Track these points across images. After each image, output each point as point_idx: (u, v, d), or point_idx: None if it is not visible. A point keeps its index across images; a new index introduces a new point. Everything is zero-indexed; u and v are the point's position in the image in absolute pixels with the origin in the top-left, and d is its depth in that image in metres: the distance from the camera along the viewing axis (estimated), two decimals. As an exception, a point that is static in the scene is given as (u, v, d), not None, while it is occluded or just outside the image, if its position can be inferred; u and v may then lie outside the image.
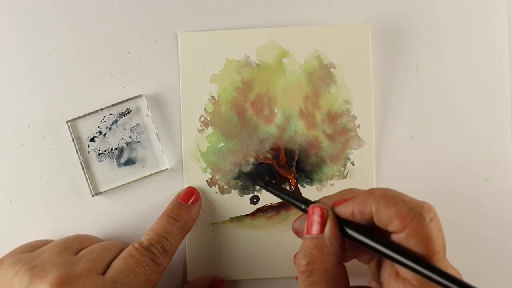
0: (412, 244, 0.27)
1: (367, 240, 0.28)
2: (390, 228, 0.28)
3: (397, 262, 0.27)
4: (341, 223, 0.30)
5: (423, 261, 0.26)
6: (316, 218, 0.30)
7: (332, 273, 0.28)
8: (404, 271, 0.28)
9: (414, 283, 0.27)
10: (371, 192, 0.29)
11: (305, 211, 0.32)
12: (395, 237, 0.28)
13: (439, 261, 0.27)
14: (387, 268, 0.29)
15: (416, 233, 0.27)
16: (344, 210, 0.30)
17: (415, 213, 0.27)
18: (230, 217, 0.40)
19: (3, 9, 0.39)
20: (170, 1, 0.40)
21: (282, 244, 0.40)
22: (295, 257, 0.33)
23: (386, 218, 0.28)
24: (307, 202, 0.32)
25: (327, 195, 0.33)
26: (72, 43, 0.40)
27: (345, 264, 0.33)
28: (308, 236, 0.30)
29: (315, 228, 0.30)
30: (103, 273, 0.32)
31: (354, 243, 0.29)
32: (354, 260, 0.34)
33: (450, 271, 0.28)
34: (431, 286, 0.27)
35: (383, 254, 0.28)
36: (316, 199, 0.33)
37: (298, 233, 0.34)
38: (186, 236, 0.38)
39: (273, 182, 0.39)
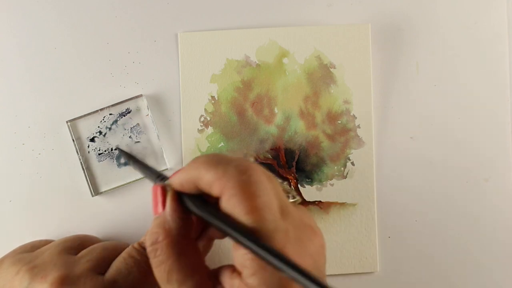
0: (233, 205, 0.24)
1: (200, 212, 0.26)
2: (214, 193, 0.26)
3: (225, 233, 0.25)
4: (184, 198, 0.27)
5: (246, 232, 0.24)
6: (159, 197, 0.28)
7: (177, 249, 0.26)
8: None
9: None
10: (196, 159, 0.27)
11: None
12: (221, 205, 0.25)
13: (265, 218, 0.24)
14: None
15: (235, 192, 0.24)
16: (175, 181, 0.27)
17: (232, 172, 0.25)
18: (230, 217, 0.40)
19: (3, 9, 0.39)
20: (170, 1, 0.40)
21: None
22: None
23: (206, 183, 0.25)
24: (160, 177, 0.30)
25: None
26: (72, 43, 0.40)
27: None
28: (155, 216, 0.28)
29: (159, 207, 0.28)
30: (103, 273, 0.32)
31: (195, 215, 0.27)
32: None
33: (295, 229, 0.26)
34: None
35: (216, 226, 0.26)
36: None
37: None
38: (186, 236, 0.38)
39: (135, 156, 0.38)
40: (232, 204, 0.25)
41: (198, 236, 0.30)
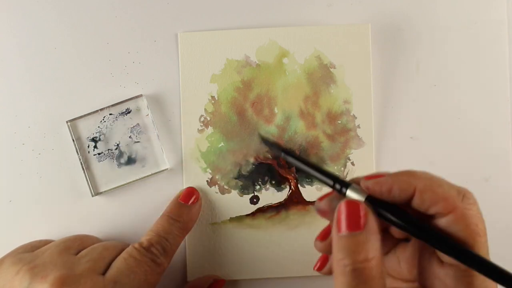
0: (459, 227, 0.26)
1: (409, 225, 0.26)
2: (432, 210, 0.26)
3: (441, 249, 0.26)
4: (376, 204, 0.27)
5: (468, 250, 0.25)
6: (354, 214, 0.27)
7: (378, 271, 0.26)
8: (448, 258, 0.26)
9: (463, 267, 0.26)
10: (413, 173, 0.27)
11: (335, 189, 0.29)
12: (437, 222, 0.27)
13: (484, 244, 0.26)
14: (426, 256, 0.28)
15: (464, 215, 0.26)
16: (380, 186, 0.27)
17: (463, 195, 0.27)
18: (230, 217, 0.40)
19: (3, 9, 0.39)
20: (170, 1, 0.40)
21: (282, 244, 0.40)
22: (318, 238, 0.30)
23: (430, 199, 0.26)
24: (338, 180, 0.29)
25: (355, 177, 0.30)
26: (72, 43, 0.40)
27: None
28: (345, 233, 0.27)
29: (355, 225, 0.27)
30: (103, 273, 0.32)
31: (389, 224, 0.27)
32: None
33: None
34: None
35: (428, 239, 0.26)
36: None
37: (324, 213, 0.30)
38: (186, 236, 0.38)
39: (293, 152, 0.36)
40: (456, 225, 0.26)
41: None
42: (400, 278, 0.31)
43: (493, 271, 0.25)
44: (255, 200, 0.40)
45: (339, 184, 0.29)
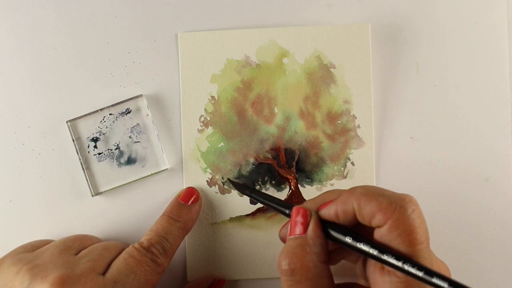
0: (395, 236, 0.27)
1: (348, 240, 0.29)
2: (374, 223, 0.28)
3: (379, 261, 0.28)
4: (325, 225, 0.30)
5: (405, 258, 0.27)
6: (299, 219, 0.31)
7: (314, 272, 0.29)
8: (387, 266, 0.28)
9: (398, 274, 0.27)
10: (352, 190, 0.29)
11: (288, 216, 0.33)
12: (378, 233, 0.28)
13: (423, 251, 0.27)
14: (371, 263, 0.30)
15: (399, 224, 0.27)
16: (328, 212, 0.30)
17: (396, 205, 0.28)
18: (230, 217, 0.40)
19: (3, 9, 0.39)
20: (170, 1, 0.40)
21: (282, 244, 0.40)
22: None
23: (368, 213, 0.28)
24: (290, 207, 0.33)
25: (310, 198, 0.33)
26: (72, 43, 0.40)
27: (335, 265, 0.33)
28: (291, 237, 0.30)
29: (298, 229, 0.30)
30: (103, 273, 0.32)
31: (338, 244, 0.30)
32: (346, 261, 0.34)
33: (435, 262, 0.28)
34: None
35: (365, 253, 0.28)
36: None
37: (283, 240, 0.34)
38: (186, 236, 0.38)
39: (256, 189, 0.40)
40: (393, 235, 0.27)
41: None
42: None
43: (420, 278, 0.26)
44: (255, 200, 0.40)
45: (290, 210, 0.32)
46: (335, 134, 0.40)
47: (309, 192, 0.40)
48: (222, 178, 0.40)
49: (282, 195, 0.40)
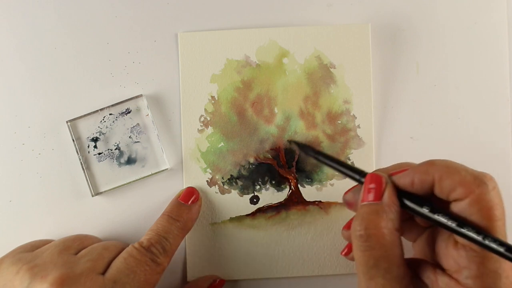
0: (475, 210, 0.27)
1: (425, 210, 0.29)
2: (452, 196, 0.28)
3: (456, 233, 0.27)
4: (400, 193, 0.30)
5: (485, 232, 0.27)
6: (374, 186, 0.30)
7: (389, 239, 0.28)
8: (463, 240, 0.28)
9: (475, 248, 0.28)
10: (432, 162, 0.29)
11: (360, 182, 0.32)
12: (456, 206, 0.28)
13: (501, 227, 0.27)
14: (444, 238, 0.30)
15: (480, 199, 0.27)
16: (403, 180, 0.30)
17: (479, 180, 0.28)
18: (230, 217, 0.40)
19: (3, 9, 0.39)
20: (170, 1, 0.40)
21: (282, 244, 0.40)
22: (344, 228, 0.34)
23: (449, 186, 0.28)
24: (362, 173, 0.32)
25: (381, 168, 0.33)
26: (72, 43, 0.40)
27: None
28: (365, 203, 0.30)
29: (373, 195, 0.30)
30: (103, 273, 0.32)
31: (411, 213, 0.30)
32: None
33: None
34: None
35: (442, 224, 0.28)
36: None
37: (350, 204, 0.34)
38: (186, 236, 0.38)
39: (323, 152, 0.38)
40: (474, 209, 0.27)
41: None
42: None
43: (501, 253, 0.26)
44: (255, 200, 0.40)
45: (364, 178, 0.32)
46: (335, 134, 0.40)
47: (309, 192, 0.40)
48: (289, 140, 0.39)
49: (282, 195, 0.40)
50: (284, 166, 0.40)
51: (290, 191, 0.40)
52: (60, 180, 0.39)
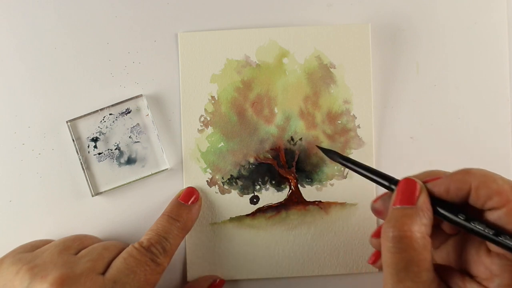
0: (509, 220, 0.27)
1: (461, 218, 0.29)
2: (488, 205, 0.28)
3: (493, 242, 0.27)
4: (433, 201, 0.30)
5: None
6: (408, 190, 0.30)
7: (421, 243, 0.28)
8: (497, 248, 0.28)
9: (510, 257, 0.28)
10: (468, 171, 0.29)
11: (389, 189, 0.32)
12: (492, 215, 0.28)
13: None
14: (475, 245, 0.30)
15: None
16: (438, 187, 0.30)
17: None
18: (230, 217, 0.40)
19: (3, 9, 0.39)
20: (170, 1, 0.40)
21: (282, 244, 0.40)
22: (373, 236, 0.33)
23: (486, 195, 0.28)
24: (393, 180, 0.32)
25: (412, 175, 0.33)
26: (72, 43, 0.40)
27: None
28: (398, 206, 0.30)
29: (407, 200, 0.30)
30: (103, 273, 0.32)
31: (445, 221, 0.30)
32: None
33: None
34: None
35: (477, 233, 0.28)
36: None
37: (379, 212, 0.33)
38: (186, 236, 0.38)
39: (350, 157, 0.37)
40: (508, 218, 0.27)
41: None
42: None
43: None
44: (255, 200, 0.40)
45: (394, 184, 0.32)
46: (335, 134, 0.40)
47: (309, 192, 0.40)
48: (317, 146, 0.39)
49: (282, 195, 0.40)
50: (284, 166, 0.40)
51: (290, 191, 0.40)
52: (60, 180, 0.39)
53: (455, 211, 0.29)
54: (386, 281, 0.29)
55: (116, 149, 0.39)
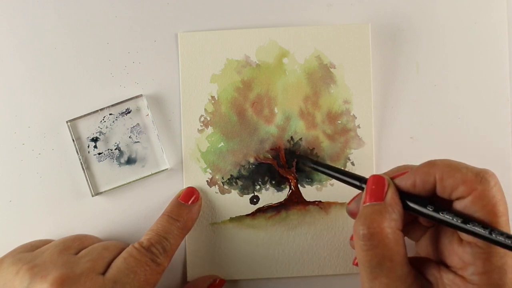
0: (479, 207, 0.27)
1: (429, 209, 0.29)
2: (455, 194, 0.28)
3: (462, 230, 0.28)
4: (401, 196, 0.30)
5: (491, 228, 0.27)
6: (376, 187, 0.30)
7: (392, 238, 0.29)
8: (468, 236, 0.28)
9: (480, 245, 0.28)
10: (433, 162, 0.30)
11: (360, 188, 0.33)
12: (459, 204, 0.28)
13: (505, 223, 0.28)
14: (448, 236, 0.30)
15: (483, 196, 0.28)
16: (405, 182, 0.30)
17: (481, 177, 0.28)
18: (230, 217, 0.40)
19: (3, 9, 0.39)
20: (170, 1, 0.40)
21: (282, 244, 0.40)
22: (352, 238, 0.33)
23: (451, 185, 0.28)
24: (363, 179, 0.33)
25: (381, 172, 0.33)
26: (72, 43, 0.40)
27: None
28: (367, 204, 0.30)
29: (376, 196, 0.30)
30: (103, 273, 0.32)
31: (414, 214, 0.30)
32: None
33: None
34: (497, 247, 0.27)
35: (447, 223, 0.28)
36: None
37: (354, 214, 0.34)
38: (186, 236, 0.38)
39: (320, 161, 0.39)
40: (477, 206, 0.28)
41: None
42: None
43: (509, 247, 0.26)
44: (255, 200, 0.40)
45: (364, 183, 0.32)
46: (335, 134, 0.40)
47: (309, 192, 0.40)
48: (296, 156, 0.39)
49: (282, 195, 0.40)
50: (284, 166, 0.40)
51: (290, 191, 0.40)
52: (60, 180, 0.39)
53: (424, 203, 0.29)
54: (363, 279, 0.29)
55: (116, 149, 0.39)
